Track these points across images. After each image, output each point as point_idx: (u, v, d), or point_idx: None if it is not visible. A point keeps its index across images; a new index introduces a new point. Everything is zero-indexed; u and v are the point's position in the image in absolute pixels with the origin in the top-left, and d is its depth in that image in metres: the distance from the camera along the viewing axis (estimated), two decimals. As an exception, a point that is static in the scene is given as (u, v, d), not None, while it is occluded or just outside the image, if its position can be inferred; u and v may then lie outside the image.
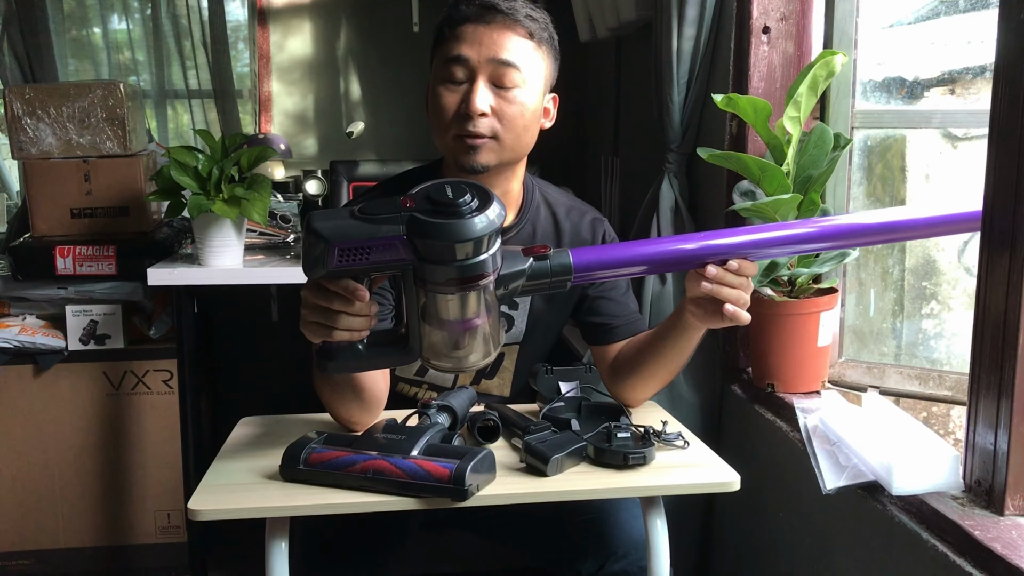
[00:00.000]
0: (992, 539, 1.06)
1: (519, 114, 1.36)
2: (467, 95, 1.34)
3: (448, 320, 1.07)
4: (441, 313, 1.07)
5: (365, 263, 1.03)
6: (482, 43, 1.35)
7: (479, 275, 1.03)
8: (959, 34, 1.53)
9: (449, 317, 1.07)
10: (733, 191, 1.62)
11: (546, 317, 1.53)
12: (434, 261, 1.02)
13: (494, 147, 1.36)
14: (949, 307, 1.62)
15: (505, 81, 1.35)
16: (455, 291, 1.04)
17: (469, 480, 1.10)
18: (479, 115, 1.34)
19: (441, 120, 1.37)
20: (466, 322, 1.07)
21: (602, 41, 2.66)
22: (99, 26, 3.24)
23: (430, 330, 1.08)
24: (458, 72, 1.35)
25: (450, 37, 1.37)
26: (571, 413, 1.41)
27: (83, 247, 2.36)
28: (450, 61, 1.36)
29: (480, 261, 1.03)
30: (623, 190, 2.66)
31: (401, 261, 1.04)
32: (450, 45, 1.37)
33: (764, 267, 1.49)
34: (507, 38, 1.35)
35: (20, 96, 2.39)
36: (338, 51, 3.30)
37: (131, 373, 2.41)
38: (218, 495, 1.16)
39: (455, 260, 1.02)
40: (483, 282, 1.04)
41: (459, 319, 1.07)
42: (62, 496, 2.44)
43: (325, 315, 1.10)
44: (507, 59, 1.35)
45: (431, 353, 1.10)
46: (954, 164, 1.59)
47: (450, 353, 1.10)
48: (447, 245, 1.01)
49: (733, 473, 1.21)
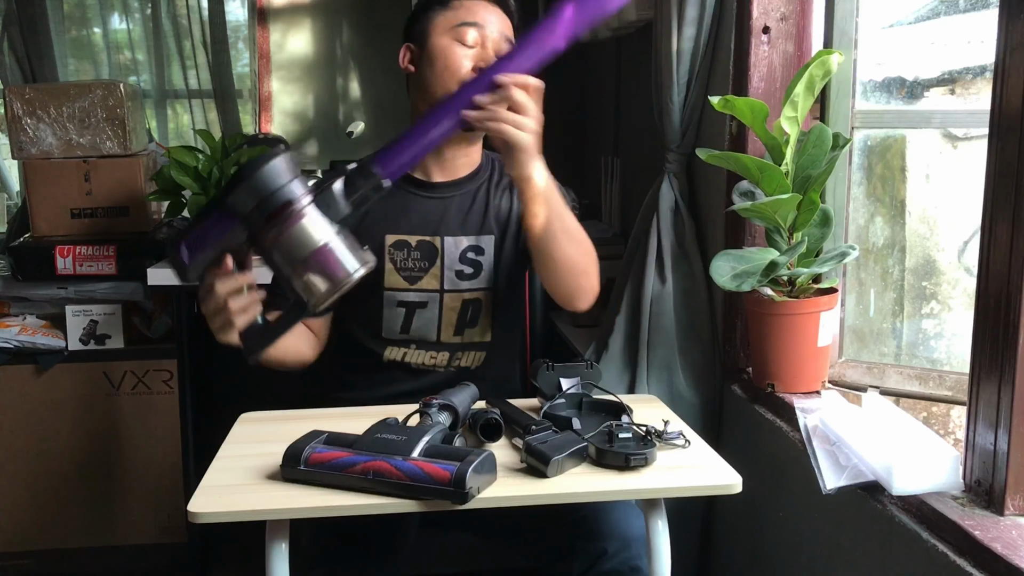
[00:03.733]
0: (992, 539, 1.06)
1: None
2: (483, 56, 1.53)
3: (302, 258, 1.14)
4: (292, 255, 1.14)
5: (210, 247, 1.17)
6: (492, 20, 1.56)
7: (285, 203, 1.13)
8: (959, 34, 1.53)
9: (300, 255, 1.14)
10: (733, 191, 1.62)
11: (508, 257, 1.65)
12: (246, 215, 1.14)
13: None
14: (949, 307, 1.62)
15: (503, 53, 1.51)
16: (280, 230, 1.13)
17: (470, 483, 1.10)
18: None
19: (454, 71, 1.53)
20: (317, 251, 1.14)
21: (602, 41, 2.66)
22: (99, 26, 3.24)
23: (301, 276, 1.15)
24: (471, 36, 1.54)
25: (459, 7, 1.56)
26: (572, 410, 1.41)
27: (83, 247, 2.36)
28: (465, 24, 1.54)
29: (277, 192, 1.12)
30: (623, 190, 2.66)
31: (234, 231, 1.16)
32: (463, 12, 1.56)
33: (764, 267, 1.49)
34: (505, 20, 1.58)
35: (20, 96, 2.39)
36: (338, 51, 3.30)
37: (131, 373, 2.41)
38: (218, 496, 1.16)
39: (258, 204, 1.12)
40: (294, 208, 1.13)
41: (309, 252, 1.14)
42: (62, 496, 2.44)
43: (217, 310, 1.22)
44: (509, 36, 1.57)
45: (314, 291, 1.16)
46: (954, 164, 1.59)
47: (327, 282, 1.16)
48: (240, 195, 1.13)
49: (735, 475, 1.21)
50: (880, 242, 1.69)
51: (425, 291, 1.62)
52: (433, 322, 1.62)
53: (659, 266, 1.86)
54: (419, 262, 1.62)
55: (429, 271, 1.61)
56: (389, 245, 1.61)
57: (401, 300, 1.61)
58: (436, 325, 1.62)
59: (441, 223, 1.63)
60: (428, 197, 1.65)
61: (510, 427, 1.33)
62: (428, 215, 1.63)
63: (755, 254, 1.52)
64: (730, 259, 1.52)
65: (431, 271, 1.62)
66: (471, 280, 1.63)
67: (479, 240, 1.63)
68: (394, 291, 1.61)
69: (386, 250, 1.61)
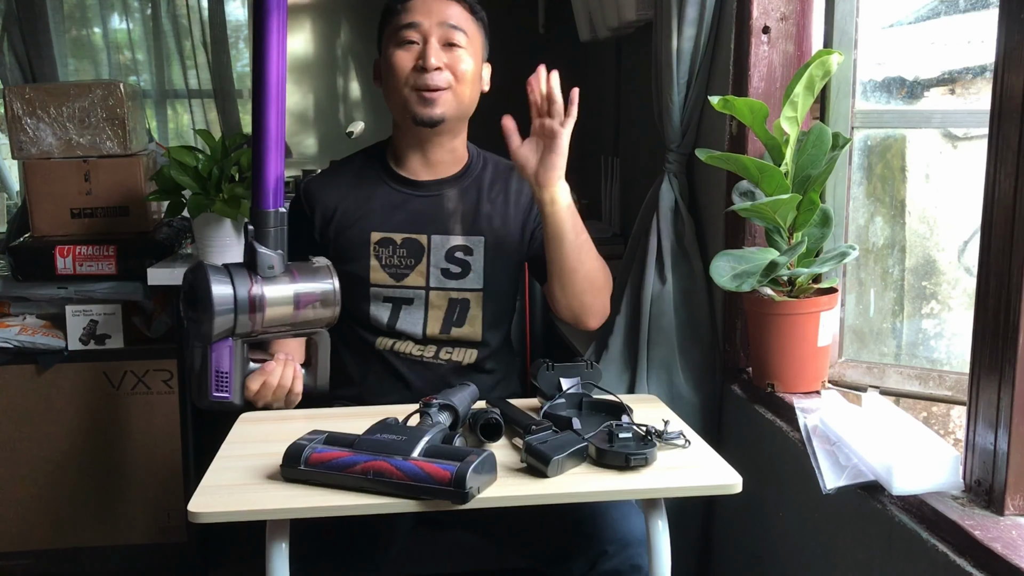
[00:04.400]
0: (992, 539, 1.06)
1: (466, 70, 1.59)
2: (423, 52, 1.57)
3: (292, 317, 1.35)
4: (284, 321, 1.35)
5: (231, 372, 1.34)
6: (431, 11, 1.58)
7: (250, 305, 1.30)
8: (959, 34, 1.53)
9: (289, 317, 1.35)
10: (733, 191, 1.62)
11: (502, 261, 1.67)
12: (231, 334, 1.32)
13: (449, 99, 1.59)
14: (949, 307, 1.62)
15: (456, 40, 1.59)
16: (261, 319, 1.32)
17: (470, 483, 1.10)
18: (434, 68, 1.56)
19: (397, 78, 1.58)
20: (298, 303, 1.35)
21: (602, 41, 2.66)
22: (99, 26, 3.24)
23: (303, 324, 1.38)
24: (411, 35, 1.58)
25: (401, 10, 1.60)
26: (572, 410, 1.41)
27: (83, 247, 2.36)
28: (404, 27, 1.58)
29: (237, 305, 1.29)
30: (623, 190, 2.66)
31: (232, 347, 1.33)
32: (402, 16, 1.59)
33: (764, 267, 1.49)
34: (452, 8, 1.60)
35: (20, 96, 2.39)
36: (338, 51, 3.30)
37: (131, 373, 2.41)
38: (218, 496, 1.16)
39: (231, 327, 1.30)
40: (255, 300, 1.30)
41: (292, 309, 1.35)
42: (62, 496, 2.44)
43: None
44: (454, 23, 1.59)
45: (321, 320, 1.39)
46: (954, 164, 1.59)
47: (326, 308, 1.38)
48: (215, 326, 1.29)
49: (735, 475, 1.21)
50: (880, 242, 1.69)
51: (410, 288, 1.64)
52: (419, 318, 1.65)
53: (659, 266, 1.86)
54: (405, 259, 1.64)
55: (415, 268, 1.64)
56: (374, 243, 1.64)
57: (387, 296, 1.64)
58: (422, 321, 1.65)
59: (428, 221, 1.65)
60: (415, 195, 1.67)
61: (510, 427, 1.34)
62: (415, 213, 1.65)
63: (755, 254, 1.52)
64: (730, 259, 1.52)
65: (417, 268, 1.64)
66: (458, 279, 1.64)
67: (468, 240, 1.65)
68: (380, 287, 1.64)
69: (371, 247, 1.64)
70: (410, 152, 1.67)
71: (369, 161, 1.73)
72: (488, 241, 1.66)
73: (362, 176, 1.70)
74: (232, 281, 1.29)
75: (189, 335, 1.34)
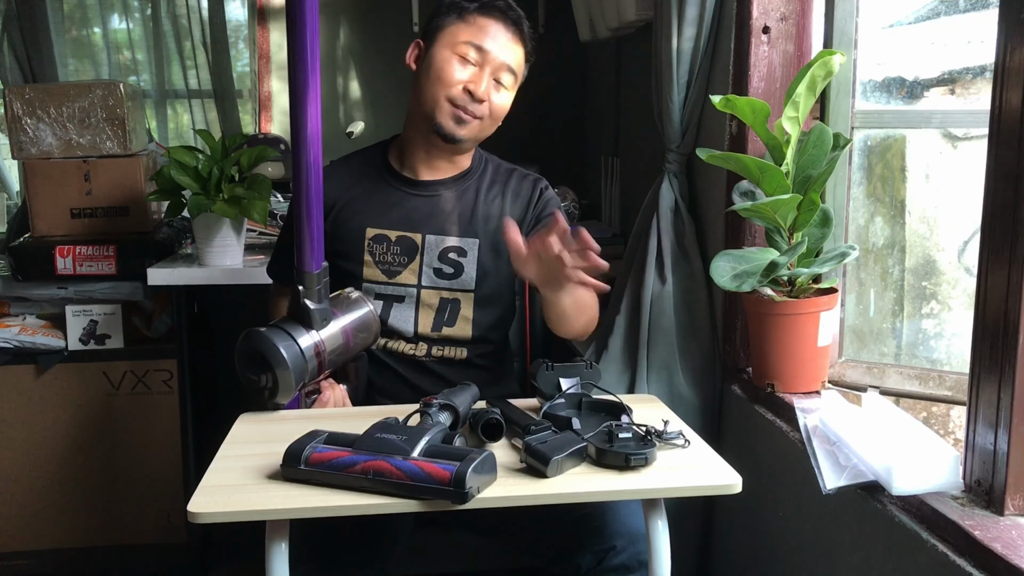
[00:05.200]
0: (992, 539, 1.06)
1: (502, 109, 1.65)
2: (476, 77, 1.59)
3: (345, 351, 1.49)
4: (339, 358, 1.50)
5: (300, 398, 1.49)
6: (501, 45, 1.60)
7: (317, 364, 1.43)
8: (959, 34, 1.53)
9: (344, 354, 1.49)
10: (733, 191, 1.62)
11: (496, 264, 1.68)
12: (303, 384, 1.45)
13: (476, 128, 1.62)
14: (949, 307, 1.62)
15: (503, 81, 1.62)
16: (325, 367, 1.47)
17: (470, 482, 1.10)
18: (480, 100, 1.59)
19: (442, 84, 1.59)
20: (346, 340, 1.48)
21: (602, 41, 2.66)
22: (99, 26, 3.24)
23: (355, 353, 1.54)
24: (472, 55, 1.59)
25: (473, 23, 1.60)
26: (571, 411, 1.41)
27: (83, 247, 2.36)
28: (470, 45, 1.59)
29: (310, 369, 1.42)
30: (623, 190, 2.66)
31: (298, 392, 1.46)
32: (472, 31, 1.60)
33: (764, 267, 1.49)
34: (516, 49, 1.63)
35: (20, 96, 2.39)
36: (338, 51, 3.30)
37: (131, 373, 2.41)
38: (218, 496, 1.16)
39: (304, 382, 1.44)
40: (320, 355, 1.43)
41: (343, 346, 1.49)
42: (62, 496, 2.44)
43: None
44: (513, 67, 1.62)
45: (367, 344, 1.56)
46: (954, 164, 1.59)
47: (371, 337, 1.55)
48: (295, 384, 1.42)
49: (735, 475, 1.21)
50: (880, 242, 1.69)
51: (402, 285, 1.66)
52: (410, 316, 1.66)
53: (659, 266, 1.86)
54: (398, 257, 1.65)
55: (408, 266, 1.65)
56: (368, 238, 1.65)
57: (379, 293, 1.66)
58: (413, 319, 1.66)
59: (424, 220, 1.66)
60: (413, 194, 1.68)
61: (510, 427, 1.33)
62: (411, 212, 1.66)
63: (755, 254, 1.52)
64: (730, 259, 1.52)
65: (410, 266, 1.65)
66: (450, 280, 1.65)
67: (463, 242, 1.66)
68: (372, 283, 1.66)
69: (365, 243, 1.65)
70: (417, 152, 1.68)
71: (369, 160, 1.74)
72: (483, 243, 1.67)
73: (361, 173, 1.71)
74: (294, 339, 1.39)
75: (257, 398, 1.44)
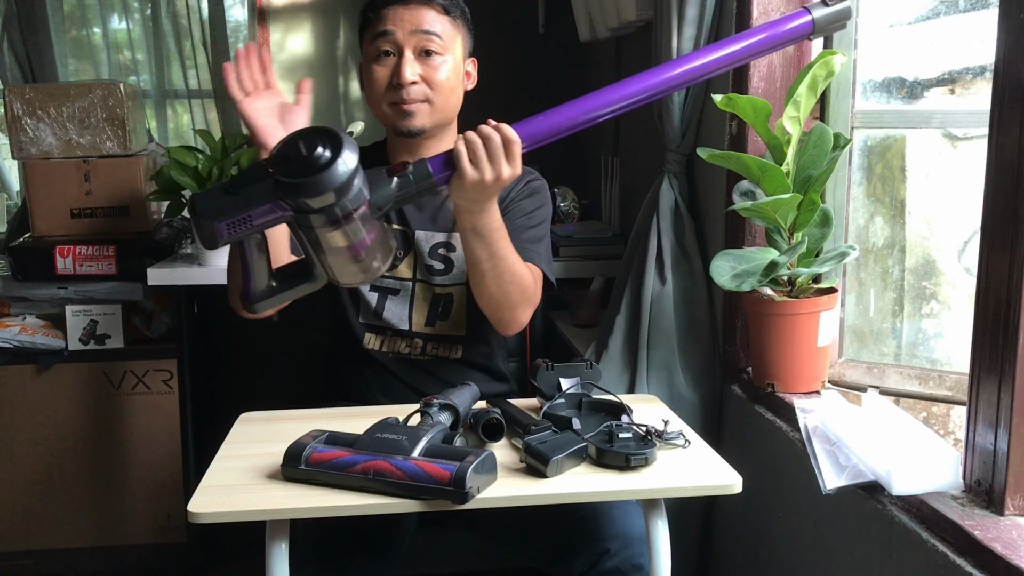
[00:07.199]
0: (992, 539, 1.06)
1: (445, 77, 1.57)
2: (397, 67, 1.55)
3: (339, 248, 1.16)
4: (330, 245, 1.16)
5: (251, 228, 1.13)
6: (403, 19, 1.55)
7: (349, 213, 1.12)
8: (959, 34, 1.53)
9: (338, 246, 1.16)
10: (733, 191, 1.62)
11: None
12: (307, 212, 1.11)
13: (427, 111, 1.57)
14: (949, 307, 1.62)
15: (429, 47, 1.55)
16: (334, 229, 1.13)
17: (470, 482, 1.10)
18: (410, 84, 1.54)
19: (375, 92, 1.57)
20: (354, 247, 1.17)
21: (602, 41, 2.65)
22: (99, 26, 3.24)
23: (328, 258, 1.18)
24: (385, 45, 1.56)
25: (374, 19, 1.57)
26: (572, 410, 1.41)
27: (83, 247, 2.36)
28: (377, 37, 1.56)
29: (347, 201, 1.11)
30: (623, 190, 2.65)
31: (282, 216, 1.13)
32: (375, 24, 1.57)
33: (764, 267, 1.49)
34: (425, 13, 1.56)
35: (20, 96, 2.39)
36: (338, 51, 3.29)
37: (131, 373, 2.41)
38: (218, 496, 1.16)
39: (323, 208, 1.10)
40: (356, 215, 1.13)
41: (348, 246, 1.16)
42: (62, 496, 2.44)
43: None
44: (427, 28, 1.55)
45: (338, 274, 1.20)
46: (954, 164, 1.59)
47: (353, 271, 1.20)
48: (311, 199, 1.10)
49: (735, 475, 1.21)
50: (880, 242, 1.69)
51: (399, 279, 1.66)
52: (404, 310, 1.66)
53: (659, 266, 1.86)
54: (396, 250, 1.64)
55: (403, 259, 1.66)
56: None
57: (375, 284, 1.66)
58: (407, 313, 1.67)
59: (414, 217, 1.66)
60: None
61: (510, 427, 1.33)
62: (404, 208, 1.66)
63: (755, 254, 1.53)
64: (730, 259, 1.52)
65: (406, 260, 1.66)
66: (442, 275, 1.66)
67: (450, 237, 1.66)
68: None
69: None
70: (400, 154, 1.67)
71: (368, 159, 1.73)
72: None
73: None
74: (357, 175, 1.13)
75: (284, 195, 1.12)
